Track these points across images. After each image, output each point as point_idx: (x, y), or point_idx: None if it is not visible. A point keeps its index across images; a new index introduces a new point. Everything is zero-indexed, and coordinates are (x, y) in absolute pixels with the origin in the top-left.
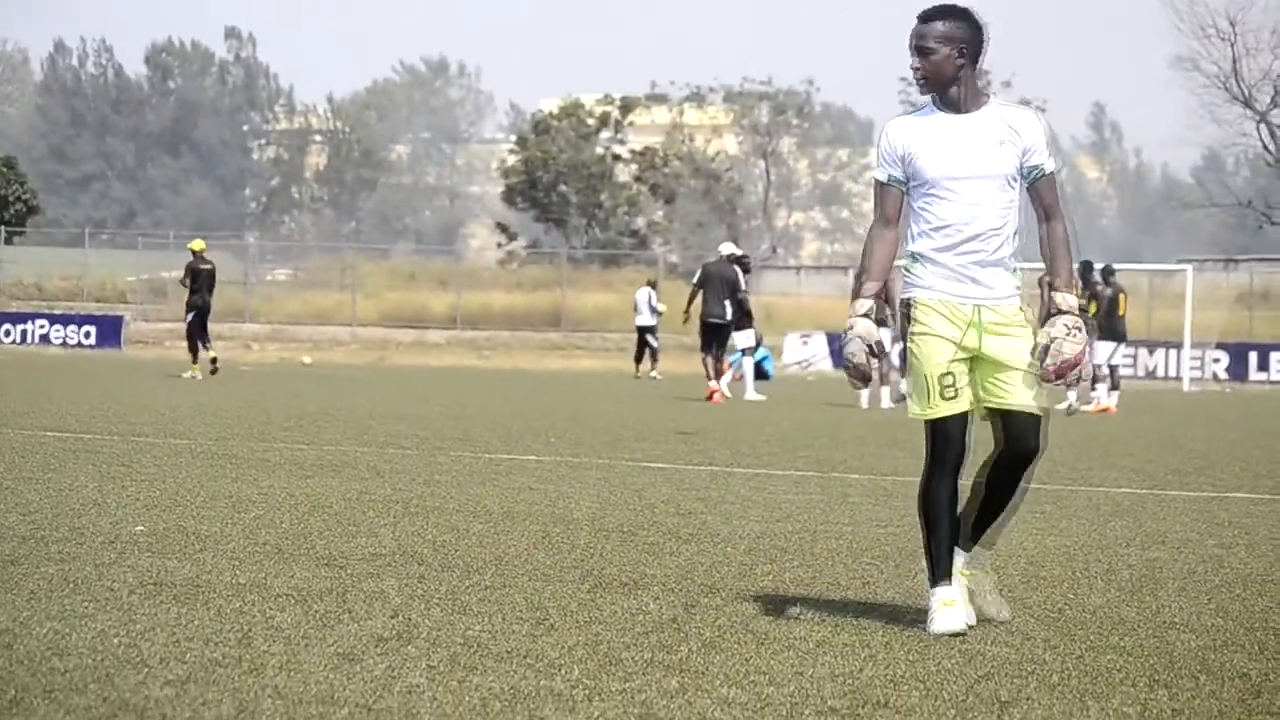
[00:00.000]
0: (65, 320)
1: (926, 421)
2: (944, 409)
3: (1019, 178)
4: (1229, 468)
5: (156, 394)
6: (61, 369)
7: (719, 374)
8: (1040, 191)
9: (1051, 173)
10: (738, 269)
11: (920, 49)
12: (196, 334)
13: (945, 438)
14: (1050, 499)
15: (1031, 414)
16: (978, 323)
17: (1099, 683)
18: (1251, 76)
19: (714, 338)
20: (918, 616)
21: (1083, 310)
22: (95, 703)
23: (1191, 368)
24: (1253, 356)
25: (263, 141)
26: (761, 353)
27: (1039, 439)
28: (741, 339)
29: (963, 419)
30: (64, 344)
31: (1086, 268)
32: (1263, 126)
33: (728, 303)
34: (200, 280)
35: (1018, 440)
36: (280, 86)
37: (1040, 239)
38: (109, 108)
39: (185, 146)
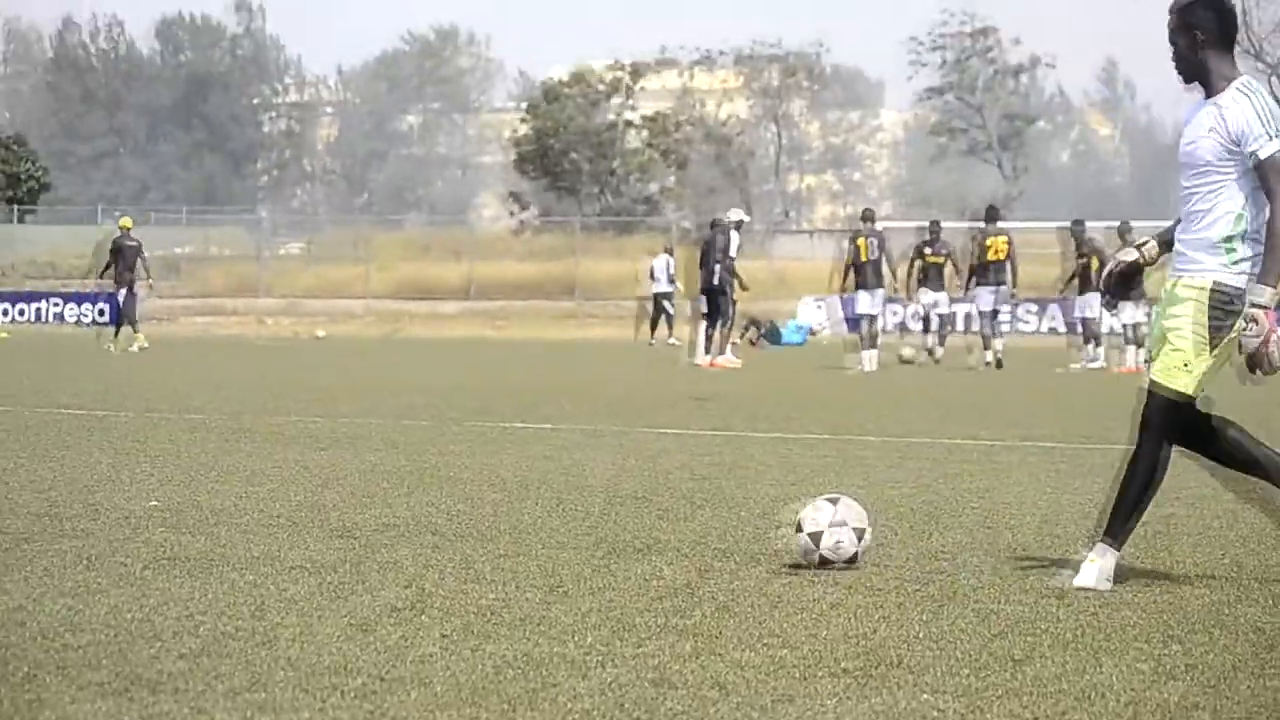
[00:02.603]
0: (79, 299)
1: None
2: None
3: (1232, 162)
4: (1246, 423)
5: (171, 370)
6: (76, 347)
7: (709, 341)
8: (1258, 177)
9: (1264, 158)
10: (732, 233)
11: (1169, 44)
12: (129, 311)
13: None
14: (1066, 457)
15: (1149, 389)
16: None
17: (1112, 639)
18: (1263, 29)
19: (706, 304)
20: (931, 577)
21: (1084, 269)
22: (109, 678)
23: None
24: None
25: (273, 114)
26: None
27: (1149, 412)
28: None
29: None
30: (78, 322)
31: (1079, 225)
32: (1274, 78)
33: (717, 268)
34: (126, 257)
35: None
36: (290, 58)
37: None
38: (119, 83)
39: (196, 120)
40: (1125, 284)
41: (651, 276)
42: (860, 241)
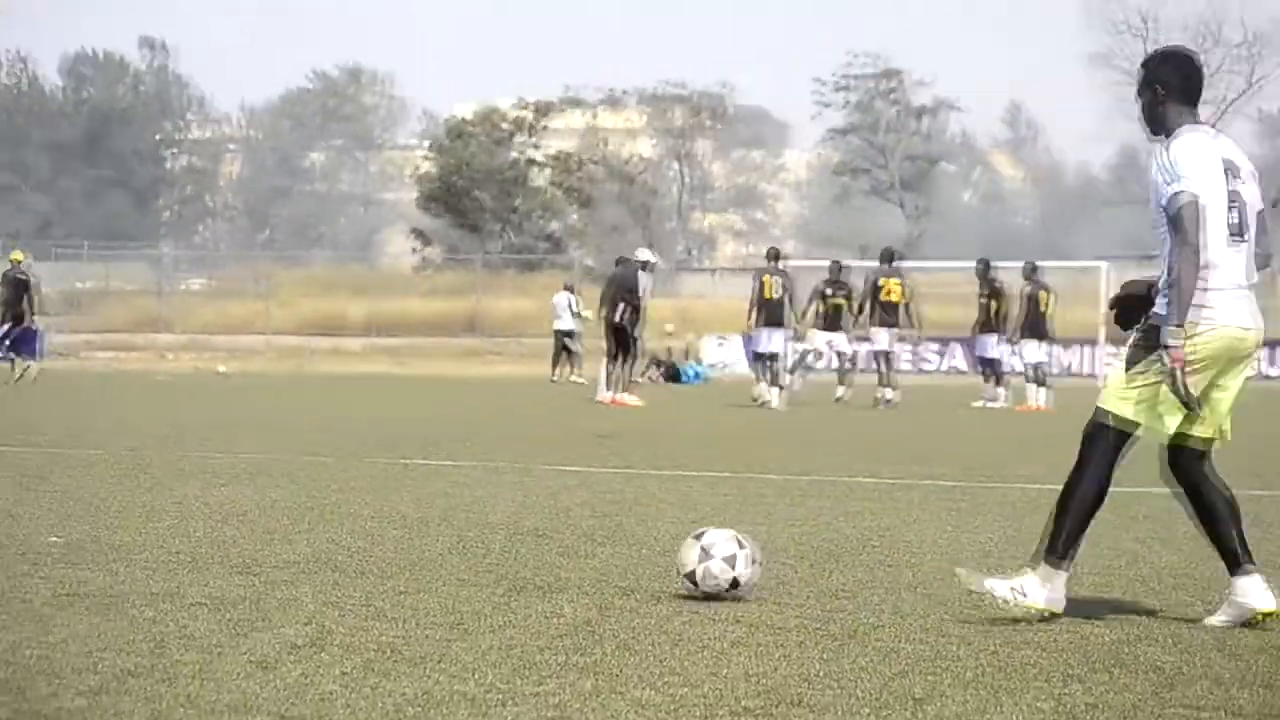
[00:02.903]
0: None
1: None
2: None
3: (1163, 209)
4: (1146, 464)
5: (71, 404)
6: None
7: (608, 378)
8: None
9: (1164, 204)
10: (640, 273)
11: (1137, 96)
12: (23, 343)
13: None
14: (965, 496)
15: None
16: None
17: (1013, 678)
18: None
19: (611, 342)
20: (832, 615)
21: (985, 309)
22: (8, 714)
23: (1107, 365)
24: None
25: (176, 151)
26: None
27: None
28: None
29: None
30: None
31: (983, 264)
32: None
33: (623, 305)
34: (14, 290)
35: None
36: (195, 96)
37: None
38: (24, 119)
39: (101, 156)
40: (1129, 314)
41: (554, 314)
42: (766, 279)
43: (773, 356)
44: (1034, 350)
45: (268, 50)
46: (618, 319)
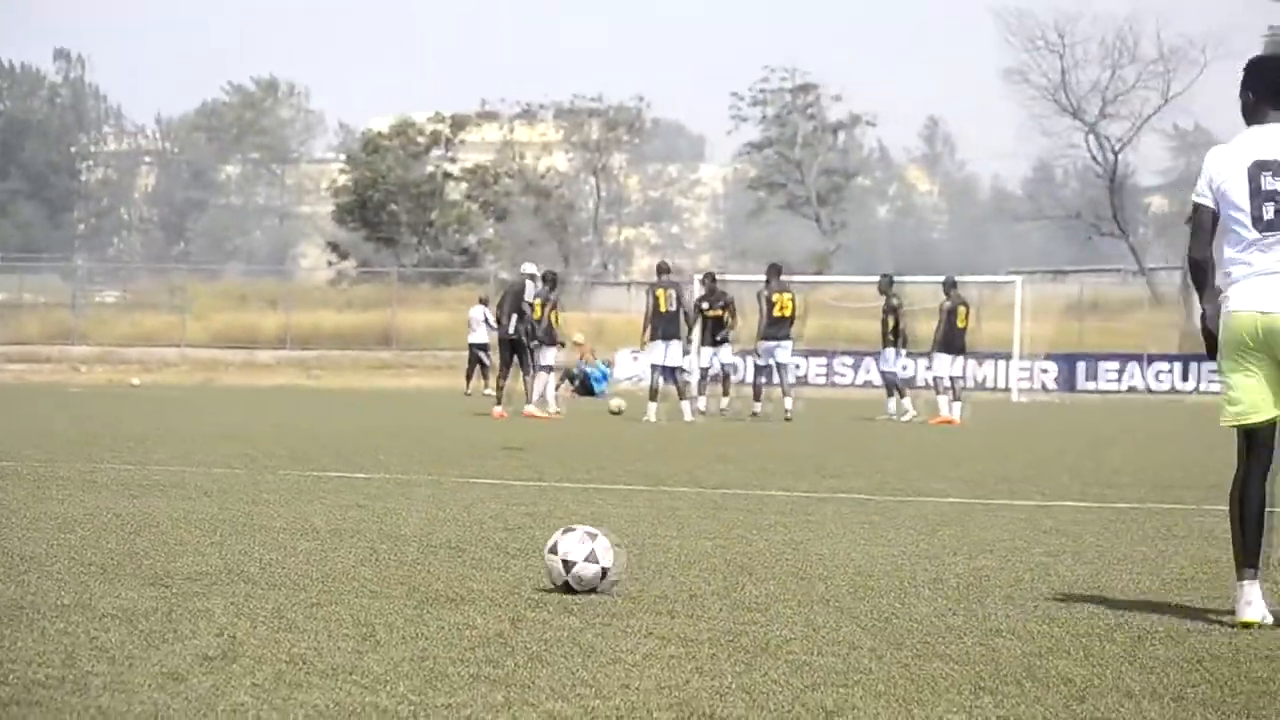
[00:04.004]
0: None
1: None
2: None
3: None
4: (1057, 477)
5: None
6: None
7: (499, 391)
8: None
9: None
10: (526, 283)
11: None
12: None
13: None
14: (878, 510)
15: None
16: None
17: (924, 690)
18: (1080, 88)
19: (506, 355)
20: (744, 628)
21: (884, 323)
22: None
23: (1021, 379)
24: (1081, 367)
25: (91, 163)
26: (597, 373)
27: None
28: (545, 355)
29: None
30: None
31: (888, 281)
32: (1091, 138)
33: (514, 317)
34: None
35: None
36: (110, 108)
37: None
38: None
39: (14, 168)
40: (948, 335)
41: (469, 326)
42: (659, 293)
43: (675, 369)
44: (949, 364)
45: (184, 63)
46: (511, 332)
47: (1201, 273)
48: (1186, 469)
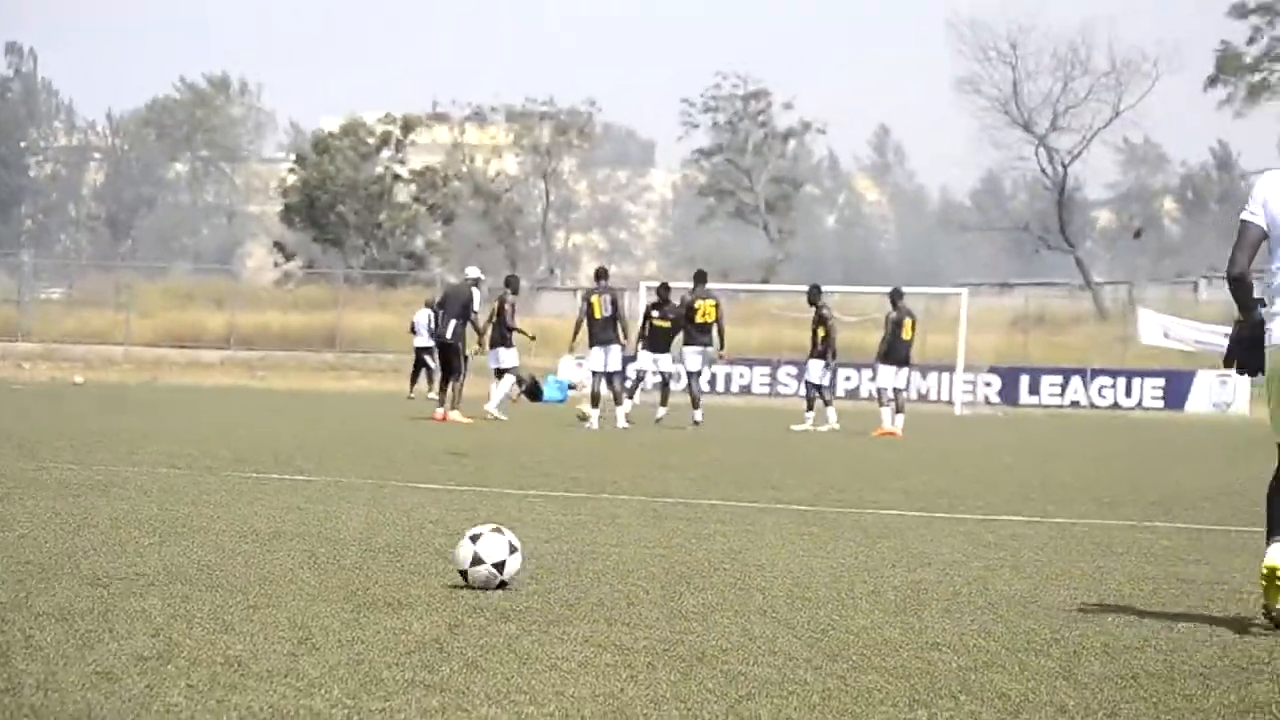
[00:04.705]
0: None
1: None
2: None
3: None
4: (997, 491)
5: None
6: None
7: (442, 395)
8: None
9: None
10: (473, 290)
11: None
12: None
13: None
14: (818, 520)
15: None
16: None
17: (860, 702)
18: (1031, 100)
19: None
20: (681, 637)
21: (813, 334)
22: None
23: (964, 391)
24: (1024, 380)
25: (40, 159)
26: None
27: None
28: (504, 358)
29: None
30: None
31: (815, 291)
32: (1041, 150)
33: (454, 322)
34: None
35: None
36: (61, 103)
37: None
38: None
39: None
40: (892, 347)
41: (413, 330)
42: (594, 299)
43: (612, 375)
44: (892, 375)
45: (136, 59)
46: (449, 337)
47: (1243, 287)
48: (1127, 485)
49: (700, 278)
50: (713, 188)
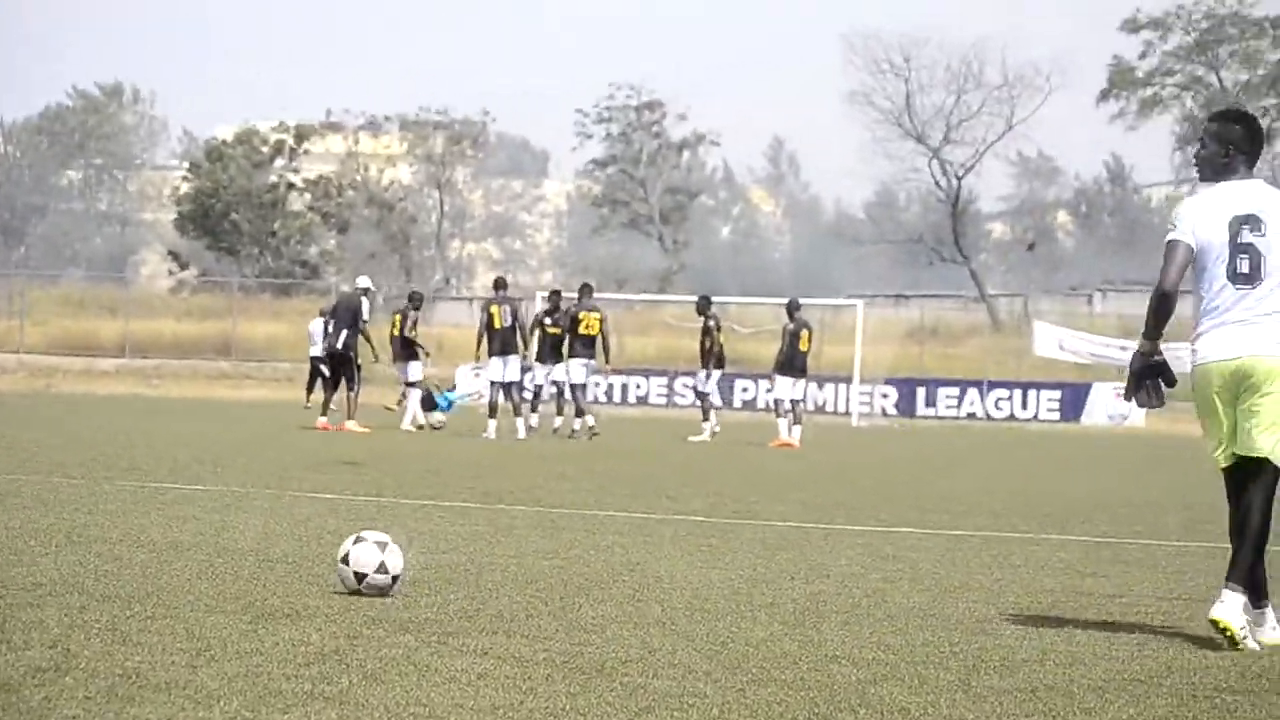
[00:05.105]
0: None
1: None
2: None
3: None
4: (895, 502)
5: None
6: None
7: (326, 404)
8: None
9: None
10: (363, 300)
11: (1198, 143)
12: None
13: None
14: (716, 532)
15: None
16: None
17: (758, 716)
18: (924, 113)
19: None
20: (579, 649)
21: (702, 344)
22: None
23: (861, 403)
24: (921, 392)
25: None
26: (455, 394)
27: None
28: (411, 370)
29: None
30: None
31: (705, 302)
32: (934, 163)
33: (345, 332)
34: None
35: None
36: None
37: None
38: None
39: None
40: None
41: (309, 339)
42: (494, 309)
43: (509, 385)
44: (789, 386)
45: (27, 66)
46: (340, 346)
47: (1166, 304)
48: (1024, 498)
49: (586, 290)
50: (607, 198)
